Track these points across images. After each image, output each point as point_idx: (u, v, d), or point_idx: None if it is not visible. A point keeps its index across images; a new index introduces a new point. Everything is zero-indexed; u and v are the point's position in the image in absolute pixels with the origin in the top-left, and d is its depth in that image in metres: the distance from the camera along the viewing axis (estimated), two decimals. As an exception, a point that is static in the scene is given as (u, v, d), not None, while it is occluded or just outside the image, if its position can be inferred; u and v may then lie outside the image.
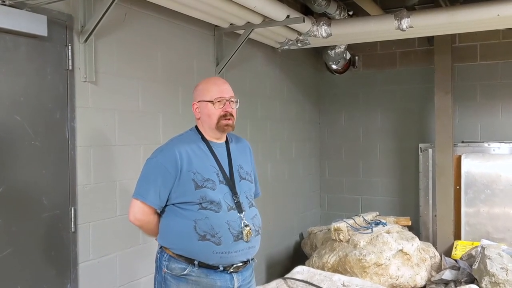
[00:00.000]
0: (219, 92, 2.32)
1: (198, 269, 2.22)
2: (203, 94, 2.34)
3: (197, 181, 2.22)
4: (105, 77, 3.01)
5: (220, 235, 2.20)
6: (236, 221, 2.24)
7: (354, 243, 4.30)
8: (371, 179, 5.80)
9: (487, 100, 5.24)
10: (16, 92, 2.49)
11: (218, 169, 2.29)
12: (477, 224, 4.99)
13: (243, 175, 2.39)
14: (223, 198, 2.25)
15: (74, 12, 2.79)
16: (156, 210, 2.29)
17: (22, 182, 2.53)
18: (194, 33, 3.82)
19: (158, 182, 2.23)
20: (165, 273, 2.26)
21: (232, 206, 2.26)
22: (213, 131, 2.34)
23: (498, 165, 4.95)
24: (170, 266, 2.25)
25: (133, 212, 2.28)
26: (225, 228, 2.21)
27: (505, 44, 5.14)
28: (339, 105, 5.94)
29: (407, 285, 4.24)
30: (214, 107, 2.30)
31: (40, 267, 2.63)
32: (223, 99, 2.31)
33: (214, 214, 2.21)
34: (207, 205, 2.21)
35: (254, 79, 4.65)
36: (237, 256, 2.26)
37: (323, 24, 4.39)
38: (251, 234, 2.27)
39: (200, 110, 2.34)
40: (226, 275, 2.26)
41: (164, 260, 2.27)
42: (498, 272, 3.89)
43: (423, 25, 4.13)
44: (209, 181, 2.24)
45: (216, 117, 2.30)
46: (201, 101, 2.34)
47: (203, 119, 2.35)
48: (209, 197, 2.21)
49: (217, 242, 2.19)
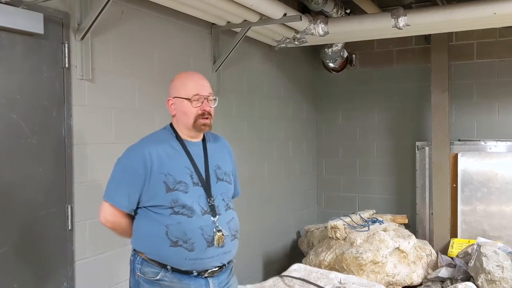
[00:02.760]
0: (196, 88, 2.17)
1: (171, 273, 2.12)
2: (179, 90, 2.19)
3: (168, 184, 2.09)
4: (102, 75, 3.00)
5: (192, 241, 2.08)
6: (210, 226, 2.12)
7: (351, 241, 4.31)
8: (368, 177, 5.81)
9: (484, 99, 5.25)
10: (12, 90, 2.49)
11: (193, 170, 2.16)
12: (473, 222, 5.01)
13: (220, 176, 2.26)
14: (198, 201, 2.12)
15: (70, 10, 2.79)
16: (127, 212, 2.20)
17: (18, 180, 2.52)
18: (191, 31, 3.82)
19: (127, 184, 2.12)
20: (139, 276, 2.17)
21: (207, 209, 2.14)
22: (189, 130, 2.21)
23: (495, 163, 4.97)
24: (143, 269, 2.16)
25: (103, 214, 2.19)
26: (198, 234, 2.09)
27: (502, 43, 5.15)
28: (336, 103, 5.95)
29: (404, 282, 4.26)
30: (191, 105, 2.16)
31: (37, 265, 2.62)
32: (201, 97, 2.17)
33: (187, 219, 2.09)
34: (179, 209, 2.08)
35: (251, 77, 4.65)
36: (211, 262, 2.15)
37: (320, 22, 4.39)
38: (223, 240, 2.14)
39: (176, 107, 2.20)
40: (201, 280, 2.15)
41: (137, 263, 2.18)
42: (494, 269, 3.90)
43: (419, 23, 4.14)
44: (182, 184, 2.11)
45: (193, 116, 2.16)
46: (177, 97, 2.19)
47: (178, 117, 2.21)
48: (181, 201, 2.09)
49: (189, 248, 2.08)
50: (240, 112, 4.46)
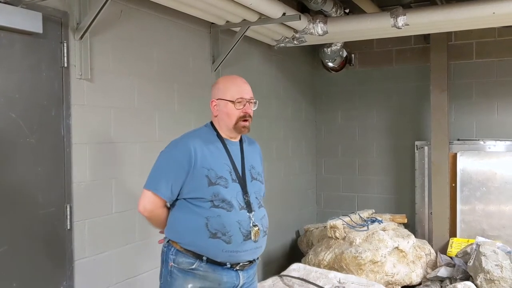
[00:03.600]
0: (240, 92, 2.33)
1: (206, 264, 2.22)
2: (224, 92, 2.33)
3: (210, 178, 2.21)
4: (101, 74, 3.00)
5: (230, 234, 2.20)
6: (246, 220, 2.24)
7: (350, 240, 4.31)
8: (367, 177, 5.81)
9: (483, 98, 5.25)
10: (11, 89, 2.48)
11: (231, 167, 2.29)
12: (472, 222, 5.01)
13: (254, 175, 2.39)
14: (236, 197, 2.25)
15: (69, 9, 2.79)
16: (166, 203, 2.30)
17: (17, 180, 2.52)
18: (190, 31, 3.81)
19: (171, 175, 2.22)
20: (172, 266, 2.26)
21: (243, 205, 2.26)
22: (229, 130, 2.34)
23: (494, 162, 4.97)
24: (178, 260, 2.25)
25: (143, 203, 2.27)
26: (236, 228, 2.21)
27: (501, 42, 5.15)
28: (335, 103, 5.95)
29: (403, 282, 4.26)
30: (235, 107, 2.31)
31: (36, 264, 2.62)
32: (244, 100, 2.32)
33: (226, 213, 2.21)
34: (219, 203, 2.20)
35: (250, 77, 4.58)
36: (245, 255, 2.27)
37: (319, 21, 4.40)
38: (259, 234, 2.27)
39: (219, 108, 2.33)
40: (232, 272, 2.27)
41: (171, 254, 2.27)
42: (493, 269, 3.91)
43: (419, 23, 4.14)
44: (222, 179, 2.24)
45: (235, 118, 2.31)
46: (221, 99, 2.33)
47: (221, 117, 2.34)
48: (221, 195, 2.21)
49: (227, 240, 2.20)
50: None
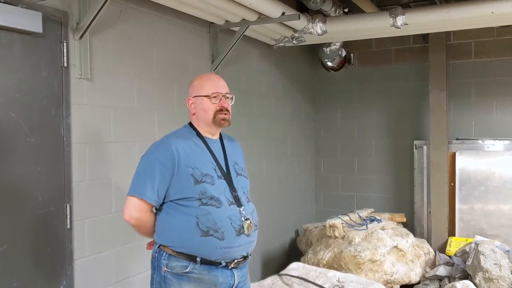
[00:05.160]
0: (215, 87, 2.33)
1: (200, 266, 2.20)
2: (199, 89, 2.34)
3: (196, 176, 2.20)
4: (100, 74, 3.01)
5: (223, 230, 2.19)
6: (237, 215, 2.24)
7: (349, 239, 4.32)
8: (366, 176, 5.82)
9: (482, 98, 5.26)
10: (11, 88, 2.49)
11: (215, 164, 2.29)
12: (471, 221, 5.02)
13: (238, 171, 2.40)
14: (223, 193, 2.24)
15: (69, 9, 2.79)
16: (153, 208, 2.25)
17: (17, 179, 2.53)
18: (190, 30, 3.82)
19: (155, 178, 2.19)
20: (165, 272, 2.21)
21: (232, 201, 2.26)
22: (209, 126, 2.34)
23: (492, 162, 4.98)
24: (170, 264, 2.21)
25: (128, 210, 2.22)
26: (227, 223, 2.21)
27: (500, 42, 5.16)
28: (334, 102, 5.95)
29: (402, 281, 4.27)
30: (210, 102, 2.30)
31: (35, 263, 2.63)
32: (219, 94, 2.32)
33: (216, 210, 2.20)
34: (207, 201, 2.19)
35: (249, 76, 4.66)
36: (239, 251, 2.26)
37: (318, 21, 4.40)
38: (251, 228, 2.28)
39: (196, 105, 2.34)
40: (227, 271, 2.26)
41: (163, 259, 2.22)
42: (492, 268, 3.92)
43: (417, 22, 4.14)
44: (208, 176, 2.23)
45: (213, 112, 2.30)
46: (197, 96, 2.33)
47: (198, 114, 2.34)
48: (209, 192, 2.20)
49: (220, 237, 2.19)
50: (238, 111, 4.45)
